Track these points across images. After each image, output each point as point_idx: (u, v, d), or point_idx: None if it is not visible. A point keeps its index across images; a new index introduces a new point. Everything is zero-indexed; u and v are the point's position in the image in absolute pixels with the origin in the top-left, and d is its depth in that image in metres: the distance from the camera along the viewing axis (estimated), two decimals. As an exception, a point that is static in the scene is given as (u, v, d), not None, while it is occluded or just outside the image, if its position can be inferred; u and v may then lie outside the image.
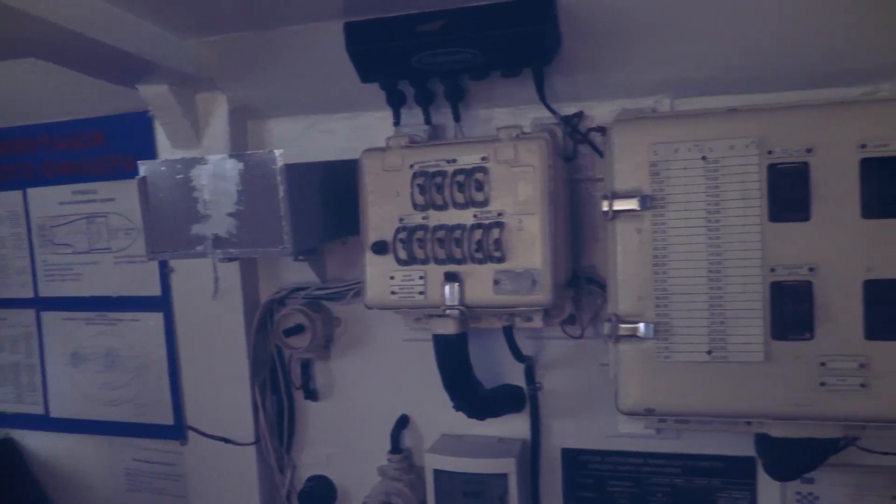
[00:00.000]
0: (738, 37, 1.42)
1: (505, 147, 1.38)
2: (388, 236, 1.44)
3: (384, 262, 1.45)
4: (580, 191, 1.60)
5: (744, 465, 1.57)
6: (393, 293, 1.45)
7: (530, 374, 1.66)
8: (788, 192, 1.23)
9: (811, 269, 1.22)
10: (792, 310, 1.23)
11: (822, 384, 1.22)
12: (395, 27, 1.47)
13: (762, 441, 1.39)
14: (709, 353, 1.26)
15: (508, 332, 1.50)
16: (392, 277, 1.45)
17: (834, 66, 1.43)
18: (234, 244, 1.41)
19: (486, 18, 1.42)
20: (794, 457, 1.35)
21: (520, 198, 1.37)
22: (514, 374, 1.67)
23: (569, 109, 1.59)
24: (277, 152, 1.37)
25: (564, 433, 1.69)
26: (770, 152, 1.23)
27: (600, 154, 1.54)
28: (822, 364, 1.21)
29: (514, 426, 1.70)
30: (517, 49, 1.43)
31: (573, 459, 1.69)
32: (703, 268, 1.26)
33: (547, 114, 1.55)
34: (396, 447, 1.77)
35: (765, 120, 1.24)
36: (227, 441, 1.87)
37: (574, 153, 1.59)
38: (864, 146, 1.20)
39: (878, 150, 1.19)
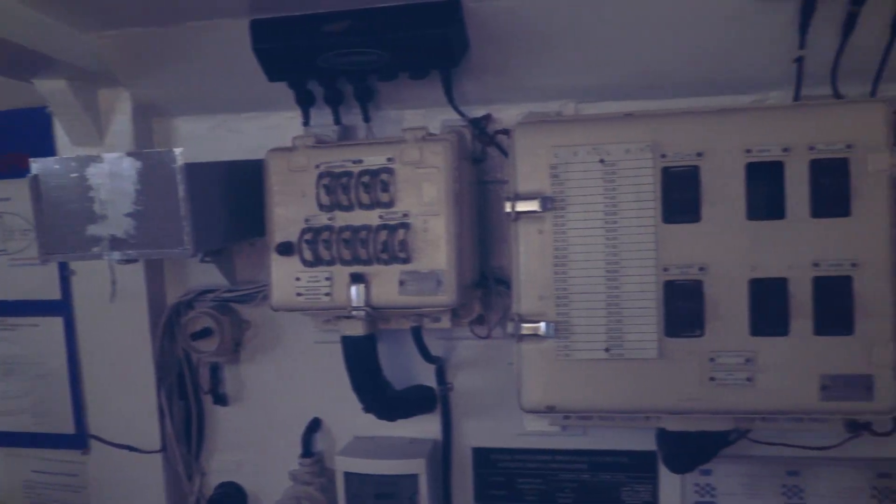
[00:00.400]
0: (639, 46, 1.46)
1: (410, 148, 1.39)
2: (293, 237, 1.43)
3: (289, 264, 1.43)
4: (489, 192, 1.62)
5: (646, 458, 1.62)
6: (299, 295, 1.43)
7: (441, 375, 1.67)
8: (680, 195, 1.28)
9: (701, 269, 1.27)
10: (684, 308, 1.28)
11: (712, 379, 1.27)
12: (302, 26, 1.46)
13: (661, 435, 1.44)
14: (606, 350, 1.30)
15: (417, 333, 1.50)
16: (298, 279, 1.43)
17: (728, 74, 1.49)
18: (133, 245, 1.37)
19: (392, 20, 1.42)
20: (690, 449, 1.41)
21: (425, 199, 1.38)
22: (426, 375, 1.68)
23: (479, 112, 1.61)
24: (177, 151, 1.33)
25: (475, 432, 1.71)
26: (663, 156, 1.28)
27: (507, 156, 1.57)
28: (712, 360, 1.27)
29: (427, 427, 1.71)
30: (423, 51, 1.44)
31: (484, 458, 1.70)
32: (601, 268, 1.30)
33: (456, 116, 1.56)
34: (307, 451, 1.75)
35: (658, 125, 1.29)
36: (131, 449, 1.81)
37: (483, 155, 1.61)
38: (748, 151, 1.25)
39: (761, 155, 1.25)
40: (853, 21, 1.35)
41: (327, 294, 1.42)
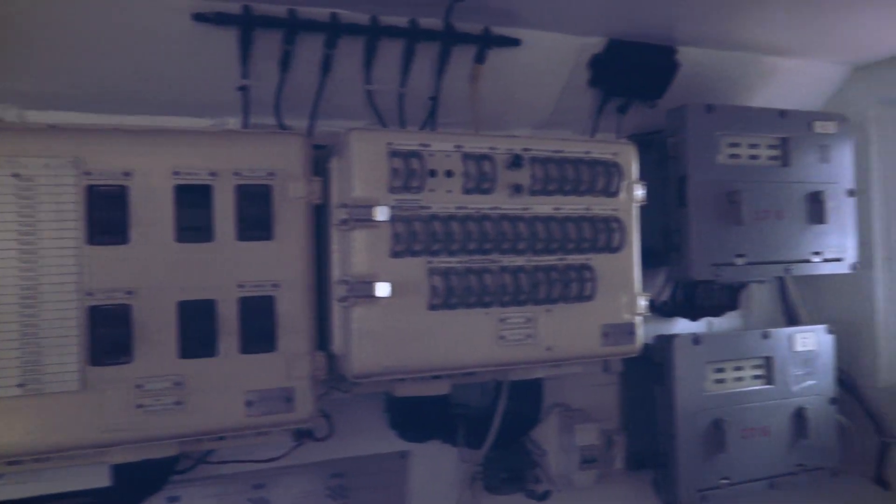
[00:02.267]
0: (89, 56, 1.39)
1: None
2: None
3: None
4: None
5: (101, 496, 1.51)
6: None
7: None
8: (107, 215, 1.22)
9: (129, 293, 1.23)
10: (110, 334, 1.21)
11: (140, 406, 1.23)
12: None
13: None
14: (20, 386, 1.17)
15: None
16: None
17: (182, 96, 1.51)
18: None
19: None
20: (133, 482, 1.36)
21: None
22: None
23: None
24: None
25: None
26: (88, 173, 1.21)
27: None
28: (139, 386, 1.23)
29: None
30: None
31: None
32: (15, 294, 1.17)
33: None
34: None
35: (83, 140, 1.22)
36: None
37: None
38: (177, 174, 1.26)
39: (189, 178, 1.26)
40: (288, 59, 1.47)
41: None
